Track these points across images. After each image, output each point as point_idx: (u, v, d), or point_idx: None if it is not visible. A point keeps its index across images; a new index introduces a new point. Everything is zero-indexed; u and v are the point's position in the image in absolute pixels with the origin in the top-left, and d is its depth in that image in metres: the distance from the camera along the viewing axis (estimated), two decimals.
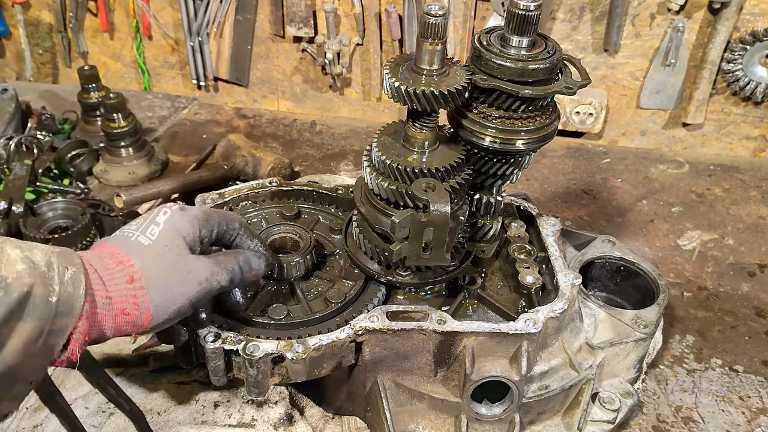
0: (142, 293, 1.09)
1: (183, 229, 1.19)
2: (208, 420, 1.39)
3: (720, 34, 2.42)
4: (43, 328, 0.97)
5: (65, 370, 1.49)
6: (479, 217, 1.49)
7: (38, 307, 0.96)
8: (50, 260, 1.01)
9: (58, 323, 0.98)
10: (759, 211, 2.31)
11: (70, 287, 1.00)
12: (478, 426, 1.37)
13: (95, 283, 1.06)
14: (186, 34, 2.90)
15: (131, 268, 1.10)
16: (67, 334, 1.00)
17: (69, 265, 1.02)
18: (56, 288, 0.98)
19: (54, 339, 0.99)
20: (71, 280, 1.01)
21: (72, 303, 1.00)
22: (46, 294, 0.97)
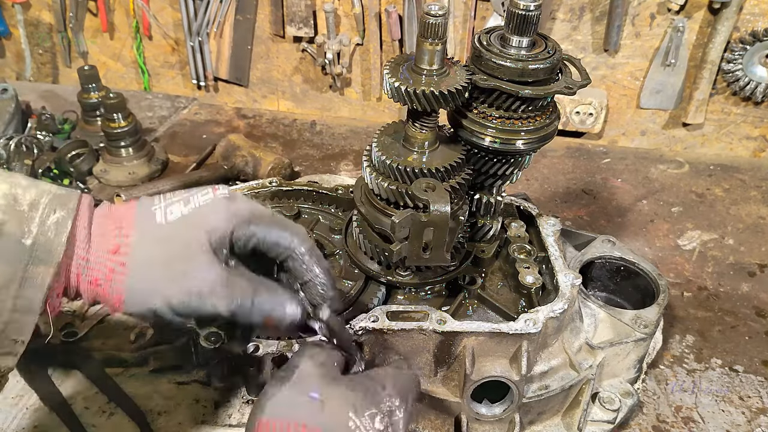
0: (121, 270, 0.93)
1: (212, 223, 0.98)
2: (208, 420, 1.39)
3: (720, 34, 2.42)
4: (13, 274, 0.86)
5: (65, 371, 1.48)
6: (479, 217, 1.49)
7: (7, 248, 0.86)
8: (38, 200, 0.90)
9: (33, 271, 0.87)
10: (759, 211, 2.31)
11: (51, 232, 0.89)
12: (478, 426, 1.37)
13: (81, 238, 0.93)
14: (186, 34, 2.90)
15: (125, 238, 0.94)
16: (46, 288, 0.89)
17: (59, 209, 0.91)
18: (33, 230, 0.88)
19: (31, 292, 0.88)
20: (55, 224, 0.89)
21: (50, 249, 0.88)
22: (20, 235, 0.87)
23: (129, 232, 0.95)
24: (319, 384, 0.89)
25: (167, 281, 0.94)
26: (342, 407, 0.87)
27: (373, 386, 0.93)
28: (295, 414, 0.85)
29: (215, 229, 0.98)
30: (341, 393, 0.89)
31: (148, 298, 0.94)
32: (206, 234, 0.97)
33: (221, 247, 0.98)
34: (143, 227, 0.96)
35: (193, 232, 0.97)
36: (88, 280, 0.93)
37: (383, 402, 0.92)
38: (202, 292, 0.94)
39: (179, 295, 0.94)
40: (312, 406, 0.86)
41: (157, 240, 0.96)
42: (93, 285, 0.94)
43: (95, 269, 0.93)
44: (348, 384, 0.91)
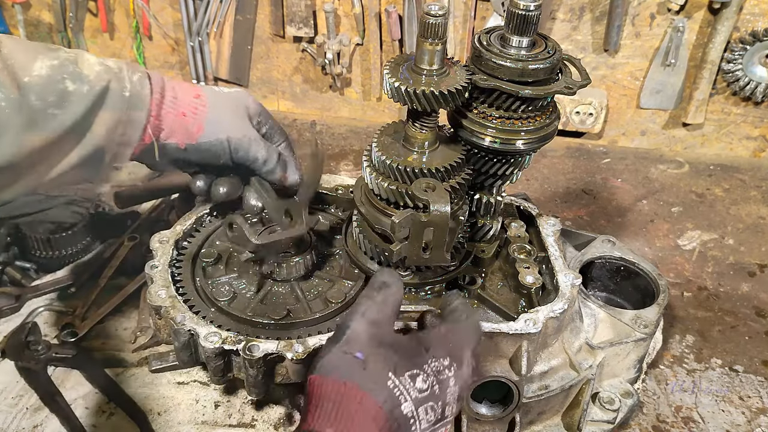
0: (203, 109, 1.31)
1: (248, 102, 1.39)
2: (208, 420, 1.39)
3: (720, 34, 2.42)
4: (120, 117, 1.20)
5: (65, 371, 1.49)
6: (479, 217, 1.49)
7: (115, 100, 1.19)
8: (120, 66, 1.23)
9: (133, 115, 1.22)
10: (759, 211, 2.31)
11: (138, 86, 1.22)
12: (478, 426, 1.37)
13: (168, 86, 1.28)
14: (186, 34, 2.90)
15: (200, 91, 1.33)
16: (142, 126, 1.23)
17: (137, 71, 1.24)
18: (128, 86, 1.21)
19: (131, 130, 1.22)
20: (139, 81, 1.23)
21: (142, 98, 1.22)
22: (121, 89, 1.20)
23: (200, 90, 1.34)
24: (366, 344, 0.94)
25: (232, 124, 1.34)
26: (383, 367, 0.91)
27: (417, 348, 0.97)
28: (339, 372, 0.90)
29: (250, 106, 1.40)
30: (384, 353, 0.93)
31: (218, 132, 1.32)
32: (246, 108, 1.38)
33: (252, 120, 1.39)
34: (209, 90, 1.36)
35: (239, 103, 1.38)
36: (175, 112, 1.28)
37: (427, 363, 0.95)
38: (252, 138, 1.35)
39: (238, 135, 1.34)
40: (355, 364, 0.91)
41: (221, 97, 1.36)
42: (180, 116, 1.29)
43: (183, 105, 1.30)
44: (393, 345, 0.95)
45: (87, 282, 1.74)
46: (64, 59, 1.16)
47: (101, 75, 1.18)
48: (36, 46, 1.17)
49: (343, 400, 0.87)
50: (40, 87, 1.11)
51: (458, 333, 1.03)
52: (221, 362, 1.29)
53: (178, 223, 1.58)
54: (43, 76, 1.12)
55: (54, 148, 1.14)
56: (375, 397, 0.88)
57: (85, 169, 1.22)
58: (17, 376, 1.46)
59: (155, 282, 1.40)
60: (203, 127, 1.31)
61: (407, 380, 0.92)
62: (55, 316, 1.65)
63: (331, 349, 0.94)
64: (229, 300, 1.40)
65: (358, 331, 0.96)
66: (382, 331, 0.97)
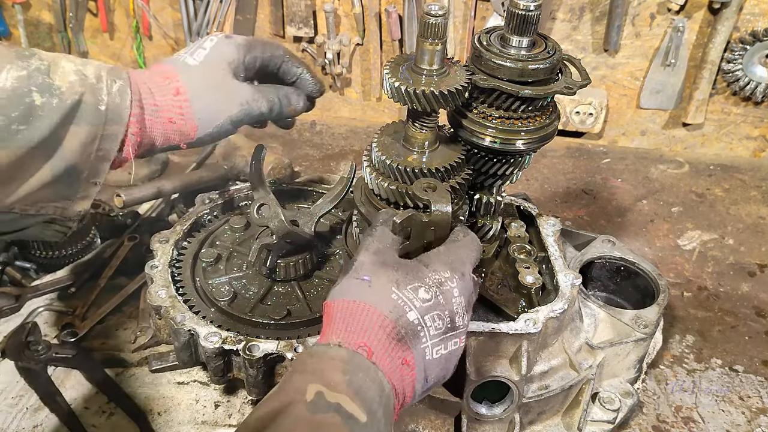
0: (187, 105, 1.22)
1: (228, 55, 1.29)
2: (208, 420, 1.39)
3: (720, 34, 2.42)
4: (95, 132, 1.12)
5: (65, 370, 1.49)
6: (479, 217, 1.49)
7: (89, 114, 1.11)
8: (100, 74, 1.14)
9: (109, 129, 1.14)
10: (759, 211, 2.31)
11: (117, 98, 1.14)
12: (478, 426, 1.37)
13: (144, 93, 1.19)
14: (186, 34, 2.90)
15: (177, 82, 1.23)
16: (120, 140, 1.16)
17: (117, 79, 1.16)
18: (104, 98, 1.13)
19: (108, 144, 1.15)
20: (118, 92, 1.15)
21: (119, 112, 1.14)
22: (96, 102, 1.12)
23: (177, 78, 1.24)
24: (371, 269, 1.01)
25: (223, 102, 1.27)
26: (386, 282, 0.98)
27: (417, 266, 1.03)
28: (348, 293, 0.98)
29: (232, 60, 1.30)
30: (387, 272, 1.00)
31: (214, 119, 1.26)
32: (228, 63, 1.29)
33: (239, 72, 1.31)
34: (185, 71, 1.25)
35: (220, 64, 1.28)
36: (162, 121, 1.21)
37: (427, 276, 1.01)
38: (248, 101, 1.29)
39: (236, 108, 1.27)
40: (362, 285, 0.98)
41: (200, 76, 1.26)
42: (168, 123, 1.22)
43: (166, 111, 1.21)
44: (395, 265, 1.02)
45: (87, 282, 1.74)
46: (35, 69, 1.08)
47: (74, 87, 1.10)
48: (6, 53, 1.08)
49: (352, 314, 0.95)
50: (4, 101, 1.03)
51: (457, 250, 1.09)
52: (221, 362, 1.29)
53: (178, 223, 1.58)
54: (7, 89, 1.04)
55: (20, 165, 1.08)
56: (380, 308, 0.95)
57: (60, 186, 1.15)
58: (17, 376, 1.46)
59: (155, 282, 1.40)
60: (196, 125, 1.25)
61: (410, 292, 0.98)
62: (55, 316, 1.65)
63: (342, 279, 1.01)
64: (229, 300, 1.40)
65: (364, 260, 1.02)
66: (385, 257, 1.03)
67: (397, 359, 0.94)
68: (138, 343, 1.55)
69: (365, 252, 1.04)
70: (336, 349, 0.92)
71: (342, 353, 0.91)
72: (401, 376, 0.94)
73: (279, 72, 1.40)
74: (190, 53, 1.29)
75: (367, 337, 0.93)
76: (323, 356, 0.91)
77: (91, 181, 1.18)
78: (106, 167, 1.19)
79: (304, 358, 0.93)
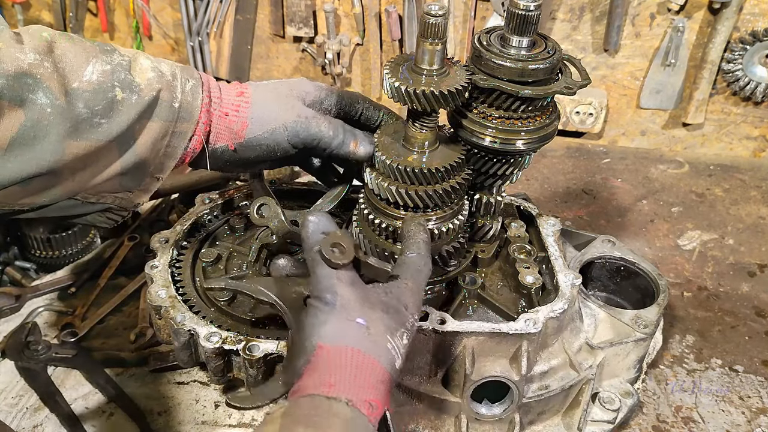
0: (246, 106, 1.25)
1: (305, 88, 1.31)
2: (208, 420, 1.39)
3: (720, 34, 2.42)
4: (167, 129, 1.16)
5: (65, 370, 1.49)
6: (479, 217, 1.49)
7: (164, 110, 1.14)
8: (174, 72, 1.18)
9: (180, 127, 1.17)
10: (759, 211, 2.31)
11: (189, 97, 1.18)
12: (478, 426, 1.37)
13: (213, 88, 1.24)
14: (186, 34, 2.90)
15: (244, 88, 1.28)
16: (188, 137, 1.19)
17: (190, 78, 1.19)
18: (178, 96, 1.16)
19: (177, 141, 1.18)
20: (191, 90, 1.18)
21: (191, 111, 1.18)
22: (171, 100, 1.15)
23: (245, 86, 1.29)
24: (360, 309, 0.99)
25: (282, 110, 1.26)
26: (383, 331, 0.98)
27: (398, 306, 1.03)
28: (347, 339, 0.96)
29: (308, 92, 1.31)
30: (380, 317, 0.99)
31: (266, 124, 1.25)
32: (303, 92, 1.30)
33: (314, 105, 1.31)
34: (255, 84, 1.30)
35: (291, 91, 1.29)
36: (219, 114, 1.23)
37: (408, 320, 1.03)
38: (308, 116, 1.27)
39: (292, 118, 1.26)
40: (360, 331, 0.97)
41: (267, 89, 1.29)
42: (222, 117, 1.24)
43: (226, 105, 1.24)
44: (381, 306, 1.01)
45: (87, 282, 1.74)
46: (117, 64, 1.12)
47: (152, 83, 1.13)
48: (90, 47, 1.11)
49: (359, 367, 0.93)
50: (89, 94, 1.07)
51: (420, 285, 1.09)
52: (221, 362, 1.29)
53: (178, 223, 1.58)
54: (93, 82, 1.08)
55: (96, 156, 1.11)
56: (381, 362, 0.95)
57: (126, 179, 1.18)
58: (17, 376, 1.46)
59: (155, 282, 1.40)
60: (247, 123, 1.25)
61: (398, 339, 0.99)
62: (55, 316, 1.65)
63: (329, 317, 0.97)
64: (229, 300, 1.40)
65: (347, 296, 0.99)
66: (364, 291, 1.02)
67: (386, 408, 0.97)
68: (138, 343, 1.55)
69: (340, 283, 1.00)
70: (341, 406, 0.89)
71: (346, 412, 0.89)
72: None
73: (361, 118, 1.38)
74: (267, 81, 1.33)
75: (374, 394, 0.93)
76: (328, 413, 0.88)
77: (155, 176, 1.21)
78: (171, 163, 1.22)
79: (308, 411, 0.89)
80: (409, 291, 1.06)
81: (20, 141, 1.02)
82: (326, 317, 0.97)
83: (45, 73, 1.03)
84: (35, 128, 1.02)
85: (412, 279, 1.08)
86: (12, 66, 1.00)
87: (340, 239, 1.02)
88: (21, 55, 1.01)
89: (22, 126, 1.01)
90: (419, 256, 1.11)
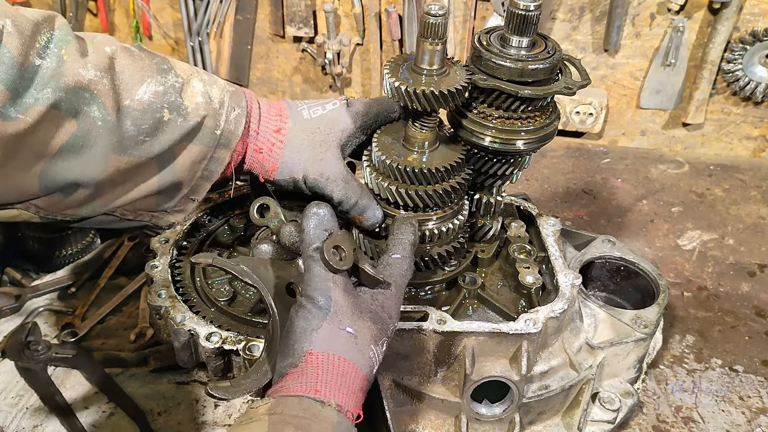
0: (280, 145, 1.24)
1: (342, 124, 1.28)
2: (208, 420, 1.39)
3: (720, 34, 2.42)
4: (206, 153, 1.17)
5: (65, 370, 1.49)
6: (479, 217, 1.49)
7: (206, 136, 1.16)
8: (223, 99, 1.19)
9: (219, 153, 1.19)
10: (759, 211, 2.31)
11: (232, 126, 1.19)
12: (478, 426, 1.37)
13: (254, 118, 1.24)
14: (186, 34, 2.90)
15: (284, 123, 1.25)
16: (226, 163, 1.20)
17: (236, 107, 1.20)
18: (222, 124, 1.17)
19: (214, 166, 1.20)
20: (235, 120, 1.19)
21: (231, 138, 1.19)
22: (214, 127, 1.17)
23: (286, 119, 1.26)
24: (351, 318, 1.01)
25: (310, 161, 1.24)
26: (368, 340, 1.02)
27: (383, 315, 1.06)
28: (336, 347, 0.99)
29: (345, 129, 1.28)
30: (368, 327, 1.02)
31: (293, 170, 1.25)
32: (340, 132, 1.27)
33: (348, 144, 1.30)
34: (296, 117, 1.26)
35: (330, 129, 1.27)
36: (254, 148, 1.24)
37: (389, 329, 1.07)
38: (329, 177, 1.25)
39: (315, 174, 1.24)
40: (348, 340, 1.00)
41: (305, 130, 1.26)
42: (257, 152, 1.24)
43: (261, 141, 1.24)
44: (371, 316, 1.04)
45: (87, 282, 1.74)
46: (170, 86, 1.13)
47: (199, 109, 1.15)
48: (148, 66, 1.13)
49: (344, 375, 0.97)
50: (138, 113, 1.09)
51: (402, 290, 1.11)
52: (221, 362, 1.29)
53: (178, 223, 1.58)
54: (144, 101, 1.10)
55: (137, 171, 1.13)
56: (364, 370, 1.00)
57: (161, 198, 1.20)
58: (17, 376, 1.46)
59: (155, 282, 1.40)
60: (277, 166, 1.25)
61: (380, 347, 1.04)
62: (55, 316, 1.66)
63: (322, 324, 0.99)
64: (229, 300, 1.40)
65: (340, 302, 1.01)
66: (355, 299, 1.04)
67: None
68: (138, 343, 1.55)
69: (336, 288, 1.02)
70: (330, 411, 0.93)
71: (333, 416, 0.92)
72: None
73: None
74: (308, 107, 1.29)
75: (356, 402, 0.97)
76: (318, 416, 0.92)
77: (190, 197, 1.22)
78: (207, 186, 1.23)
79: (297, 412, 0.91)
80: (392, 298, 1.09)
81: (68, 148, 1.05)
82: (319, 323, 0.99)
83: (102, 90, 1.05)
84: (84, 138, 1.05)
85: (395, 284, 1.09)
86: (73, 80, 1.02)
87: (342, 242, 1.02)
88: (83, 71, 1.04)
89: (73, 135, 1.04)
90: (403, 259, 1.12)
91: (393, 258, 1.12)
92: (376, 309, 1.05)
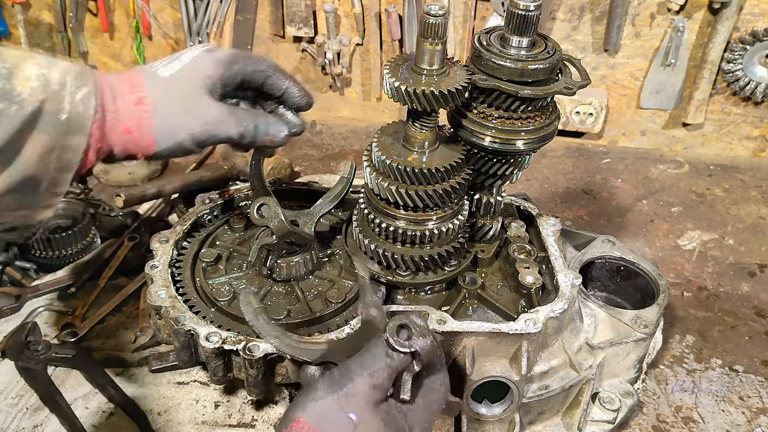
0: (147, 116, 1.14)
1: (205, 70, 1.20)
2: (208, 420, 1.39)
3: (720, 34, 2.42)
4: (55, 142, 1.05)
5: (65, 370, 1.49)
6: (479, 217, 1.49)
7: (49, 122, 1.03)
8: (64, 80, 1.06)
9: (70, 140, 1.06)
10: (759, 211, 2.31)
11: (80, 107, 1.06)
12: (478, 426, 1.37)
13: (107, 98, 1.11)
14: (186, 34, 2.90)
15: (141, 93, 1.14)
16: (82, 150, 1.08)
17: (83, 86, 1.07)
18: (66, 106, 1.05)
19: (69, 155, 1.07)
20: (82, 100, 1.06)
21: (82, 122, 1.06)
22: (56, 111, 1.04)
23: (142, 88, 1.15)
24: (362, 407, 0.94)
25: (186, 118, 1.17)
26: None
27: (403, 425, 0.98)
28: (327, 427, 0.92)
29: (209, 75, 1.20)
30: (375, 425, 0.94)
31: (174, 135, 1.16)
32: (202, 80, 1.19)
33: (215, 90, 1.21)
34: (153, 82, 1.16)
35: (193, 79, 1.19)
36: (120, 129, 1.12)
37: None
38: (215, 121, 1.18)
39: (198, 126, 1.17)
40: (345, 425, 0.92)
41: (168, 88, 1.17)
42: (125, 133, 1.13)
43: (125, 119, 1.12)
44: (385, 418, 0.96)
45: (87, 282, 1.74)
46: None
47: (35, 93, 1.02)
48: None
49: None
50: None
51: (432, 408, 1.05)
52: (221, 362, 1.29)
53: (178, 223, 1.58)
54: None
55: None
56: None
57: (18, 196, 1.07)
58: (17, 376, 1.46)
59: (155, 282, 1.40)
60: (153, 137, 1.15)
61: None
62: (55, 316, 1.65)
63: (327, 397, 0.94)
64: (229, 300, 1.40)
65: (359, 389, 0.95)
66: (379, 396, 0.97)
67: None
68: (138, 343, 1.55)
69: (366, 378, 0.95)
70: None
71: None
72: None
73: (264, 87, 1.30)
74: (164, 64, 1.21)
75: None
76: None
77: (52, 191, 1.10)
78: (67, 178, 1.10)
79: None
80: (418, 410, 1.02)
81: None
82: (323, 395, 0.95)
83: None
84: None
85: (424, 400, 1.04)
86: None
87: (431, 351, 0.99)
88: None
89: None
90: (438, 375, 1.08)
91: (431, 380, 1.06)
92: (395, 414, 0.98)
